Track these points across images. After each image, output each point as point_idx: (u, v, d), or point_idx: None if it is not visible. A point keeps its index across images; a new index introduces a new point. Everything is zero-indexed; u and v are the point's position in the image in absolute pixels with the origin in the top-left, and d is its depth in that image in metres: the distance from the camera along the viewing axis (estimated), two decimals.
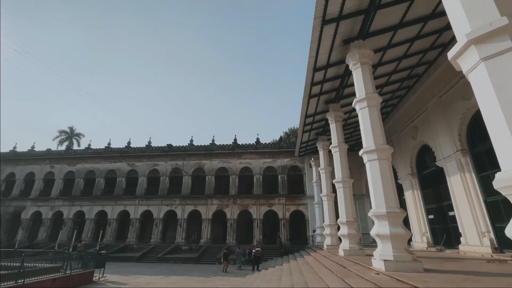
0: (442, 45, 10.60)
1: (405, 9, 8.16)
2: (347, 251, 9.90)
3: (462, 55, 3.25)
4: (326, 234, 14.48)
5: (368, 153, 7.09)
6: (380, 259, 6.08)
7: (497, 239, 9.06)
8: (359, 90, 7.93)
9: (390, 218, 6.27)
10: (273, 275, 10.62)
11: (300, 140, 17.83)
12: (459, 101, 10.44)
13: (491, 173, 9.40)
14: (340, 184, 11.34)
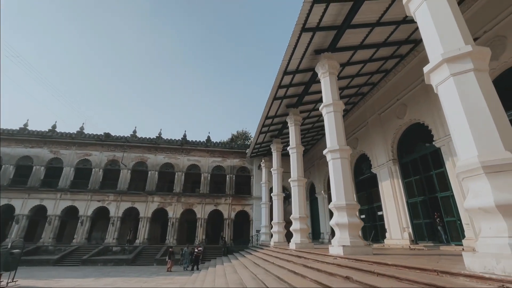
0: (385, 71, 12.61)
1: (366, 33, 9.51)
2: (298, 245, 10.66)
3: (435, 70, 4.09)
4: (274, 232, 15.19)
5: (332, 152, 7.94)
6: (338, 245, 6.85)
7: (414, 233, 11.14)
8: (326, 96, 8.83)
9: (348, 209, 7.15)
10: (226, 271, 10.60)
11: (255, 141, 18.37)
12: (394, 119, 12.54)
13: (413, 179, 11.58)
14: (296, 182, 12.18)
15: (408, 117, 11.48)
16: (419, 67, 10.83)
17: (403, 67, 11.86)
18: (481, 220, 3.29)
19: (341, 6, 7.85)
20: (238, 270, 9.76)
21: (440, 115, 9.68)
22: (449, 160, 9.29)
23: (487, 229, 3.21)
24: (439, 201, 10.05)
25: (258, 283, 6.68)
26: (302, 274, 6.14)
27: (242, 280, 7.57)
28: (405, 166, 12.15)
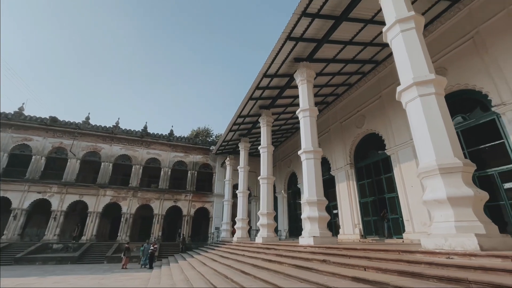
0: (349, 84, 14.12)
1: (339, 49, 10.65)
2: (265, 238, 11.29)
3: (406, 90, 5.05)
4: (238, 228, 15.61)
5: (306, 153, 8.75)
6: (309, 236, 7.63)
7: (364, 229, 12.73)
8: (303, 102, 9.65)
9: (319, 205, 8.01)
10: (194, 265, 10.65)
11: (224, 138, 18.56)
12: (353, 128, 14.11)
13: (366, 182, 13.22)
14: (265, 180, 12.82)
15: (366, 127, 13.08)
16: (378, 85, 12.54)
17: (364, 83, 13.45)
18: (435, 209, 4.27)
19: (324, 22, 8.73)
20: (208, 263, 9.93)
21: (392, 127, 11.35)
22: (397, 167, 10.96)
23: (439, 216, 4.18)
24: (386, 201, 11.73)
25: (235, 271, 7.04)
26: (278, 261, 6.72)
27: (217, 270, 7.83)
28: (360, 170, 13.78)
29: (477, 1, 8.57)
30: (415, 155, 10.13)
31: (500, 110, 7.60)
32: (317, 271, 4.92)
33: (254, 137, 19.20)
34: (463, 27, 8.83)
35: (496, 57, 7.78)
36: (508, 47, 7.54)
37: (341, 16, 8.40)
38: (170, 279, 8.90)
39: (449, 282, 3.01)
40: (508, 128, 7.36)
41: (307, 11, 8.00)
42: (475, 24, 8.49)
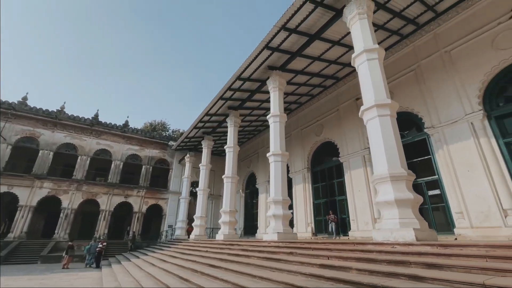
0: (311, 95, 15.40)
1: (308, 63, 11.67)
2: (226, 235, 11.65)
3: (368, 110, 6.05)
4: (196, 225, 15.61)
5: (274, 155, 9.46)
6: (273, 232, 8.29)
7: (315, 227, 14.03)
8: (274, 108, 10.35)
9: (283, 203, 8.75)
10: (154, 262, 10.43)
11: (187, 135, 18.27)
12: (312, 135, 15.43)
13: (320, 185, 14.59)
14: (229, 179, 13.18)
15: (324, 135, 14.46)
16: (337, 99, 14.02)
17: (325, 95, 14.86)
18: (385, 209, 5.28)
19: (299, 37, 9.56)
20: (169, 260, 9.85)
21: (347, 138, 12.84)
22: (348, 173, 12.45)
23: (387, 214, 5.20)
24: (337, 203, 13.20)
25: (203, 265, 7.27)
26: (245, 255, 7.20)
27: (182, 265, 7.92)
28: (315, 174, 15.14)
29: (419, 40, 10.41)
30: (363, 164, 11.72)
31: (430, 132, 9.40)
32: (286, 262, 5.55)
33: (217, 136, 19.36)
34: (408, 60, 10.62)
35: (431, 88, 9.61)
36: (439, 81, 9.40)
37: (315, 34, 9.33)
38: (129, 277, 8.62)
39: (396, 264, 3.90)
40: (435, 147, 9.17)
41: (286, 26, 8.70)
42: (418, 59, 10.31)
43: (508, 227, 6.94)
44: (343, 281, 3.78)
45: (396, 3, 8.81)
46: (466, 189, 8.10)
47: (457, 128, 8.61)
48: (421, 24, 9.97)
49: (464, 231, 7.79)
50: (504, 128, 7.88)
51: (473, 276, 2.99)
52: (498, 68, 8.07)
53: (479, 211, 7.68)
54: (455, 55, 9.20)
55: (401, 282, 3.30)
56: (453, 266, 3.37)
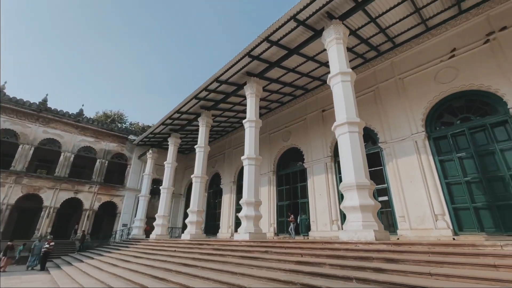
0: (282, 103, 16.26)
1: (283, 73, 12.40)
2: (193, 235, 11.68)
3: (340, 126, 6.91)
4: (157, 225, 15.18)
5: (249, 159, 9.92)
6: (245, 232, 8.72)
7: (277, 227, 14.84)
8: (250, 113, 10.81)
9: (255, 205, 9.25)
10: (117, 264, 9.97)
11: (152, 130, 17.60)
12: (280, 140, 16.28)
13: (284, 188, 15.48)
14: (198, 179, 13.19)
15: (291, 141, 15.40)
16: (305, 108, 15.07)
17: (294, 104, 15.82)
18: (350, 213, 6.13)
19: (279, 50, 10.19)
20: (133, 260, 9.54)
21: (311, 146, 13.91)
22: (311, 178, 13.51)
23: (352, 217, 6.05)
24: (299, 205, 14.19)
25: (175, 265, 7.34)
26: (219, 254, 7.50)
27: (151, 265, 7.83)
28: (280, 177, 16.00)
29: (379, 65, 11.93)
30: (325, 170, 12.88)
31: (383, 146, 10.87)
32: (263, 259, 6.04)
33: (183, 133, 19.01)
34: (369, 81, 12.06)
35: (386, 109, 11.12)
36: (393, 103, 10.93)
37: (294, 49, 10.06)
38: (90, 278, 8.15)
39: (361, 260, 4.68)
40: (386, 159, 10.64)
41: (269, 38, 9.24)
42: (377, 81, 11.80)
43: (437, 229, 8.51)
44: (319, 274, 4.41)
45: (364, 31, 10.02)
46: (408, 196, 9.62)
47: (404, 145, 10.15)
48: (382, 52, 11.46)
49: (405, 232, 9.26)
50: (439, 148, 9.59)
51: (421, 267, 3.85)
52: (438, 98, 9.79)
53: (417, 216, 9.21)
54: (407, 82, 10.82)
55: (368, 273, 4.04)
56: (406, 260, 4.24)
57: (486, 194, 8.15)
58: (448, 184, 9.00)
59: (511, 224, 7.50)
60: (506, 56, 8.42)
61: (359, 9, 8.17)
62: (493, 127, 8.54)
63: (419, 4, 8.91)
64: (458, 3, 9.07)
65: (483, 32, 9.13)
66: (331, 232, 11.56)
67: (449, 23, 9.86)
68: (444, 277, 3.41)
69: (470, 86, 9.09)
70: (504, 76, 8.35)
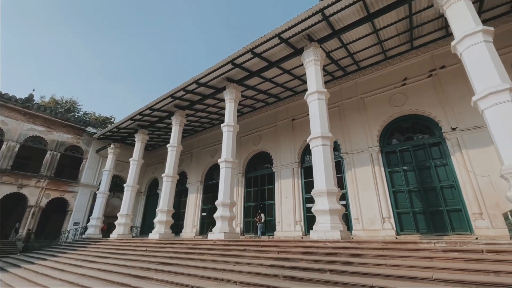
0: (254, 108, 16.95)
1: (260, 82, 13.12)
2: (162, 235, 11.66)
3: (314, 140, 7.84)
4: (120, 224, 14.63)
5: (226, 162, 10.39)
6: (219, 232, 9.18)
7: (244, 227, 15.47)
8: (228, 118, 11.29)
9: (230, 206, 9.77)
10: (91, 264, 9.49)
11: (119, 125, 16.77)
12: (250, 144, 16.94)
13: (252, 190, 16.18)
14: (170, 178, 13.13)
15: (261, 146, 16.19)
16: (276, 116, 16.02)
17: (266, 110, 16.66)
18: (320, 216, 7.06)
19: (261, 61, 10.86)
20: (98, 260, 9.24)
21: (281, 151, 14.88)
22: (278, 181, 14.46)
23: (322, 220, 6.98)
24: (265, 207, 15.04)
25: (152, 264, 7.47)
26: (197, 252, 7.85)
27: (128, 265, 7.80)
28: (249, 179, 16.67)
29: (345, 84, 13.40)
30: (292, 175, 13.94)
31: (344, 156, 12.29)
32: (243, 257, 6.61)
33: (150, 130, 18.49)
34: (336, 97, 13.42)
35: (348, 123, 12.58)
36: (355, 119, 12.41)
37: (274, 62, 10.84)
38: (52, 280, 7.74)
39: (331, 255, 5.58)
40: (346, 168, 12.07)
41: (253, 50, 9.86)
42: (342, 98, 13.24)
43: (384, 230, 10.06)
44: (298, 268, 5.17)
45: (336, 54, 11.27)
46: (362, 201, 11.10)
47: (362, 156, 11.67)
48: (348, 72, 12.93)
49: (358, 232, 10.68)
50: (389, 161, 11.27)
51: (379, 260, 4.87)
52: (391, 118, 11.51)
53: (368, 218, 10.71)
54: (367, 102, 12.43)
55: (338, 266, 4.92)
56: (366, 255, 5.24)
57: (422, 201, 9.93)
58: (394, 192, 10.67)
59: (439, 226, 9.32)
60: (443, 89, 10.37)
61: (335, 36, 9.30)
62: (431, 146, 10.43)
63: (382, 38, 10.41)
64: (411, 41, 10.82)
65: (428, 67, 11.06)
66: (294, 232, 12.62)
67: (403, 56, 11.66)
68: (396, 266, 4.43)
69: (415, 111, 10.92)
70: (441, 106, 10.28)
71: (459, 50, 6.28)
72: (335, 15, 8.52)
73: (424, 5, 8.63)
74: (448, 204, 9.37)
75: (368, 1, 8.08)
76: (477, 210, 8.57)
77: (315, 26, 8.92)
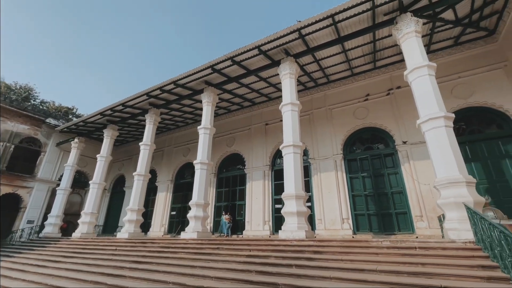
0: (229, 110, 17.37)
1: (237, 87, 13.61)
2: (131, 234, 11.60)
3: (287, 147, 8.61)
4: (83, 222, 14.09)
5: (201, 164, 10.75)
6: (193, 231, 9.52)
7: (213, 227, 15.82)
8: (205, 120, 11.63)
9: (204, 206, 10.15)
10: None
11: (86, 119, 16.02)
12: (223, 145, 17.33)
13: (223, 190, 16.60)
14: (141, 177, 13.03)
15: (234, 147, 16.68)
16: (250, 119, 16.62)
17: (241, 113, 17.18)
18: (289, 217, 7.82)
19: (239, 68, 11.38)
20: (67, 260, 9.00)
21: (253, 154, 15.53)
22: (249, 183, 15.09)
23: (290, 220, 7.74)
24: (236, 207, 15.57)
25: (126, 262, 7.58)
26: (170, 251, 8.13)
27: (99, 264, 7.79)
28: (221, 179, 17.06)
29: (315, 94, 14.46)
30: (263, 177, 14.67)
31: (311, 161, 13.32)
32: (217, 255, 7.10)
33: (120, 126, 17.93)
34: (307, 106, 14.38)
35: (317, 131, 13.63)
36: (323, 128, 13.49)
37: (252, 70, 11.43)
38: (14, 281, 7.46)
39: (297, 252, 6.34)
40: (313, 172, 13.09)
41: (234, 58, 10.34)
42: (312, 107, 14.28)
43: (343, 229, 11.22)
44: (268, 264, 5.82)
45: (309, 67, 12.21)
46: (325, 203, 12.18)
47: (327, 162, 12.79)
48: (319, 84, 14.01)
49: (320, 232, 11.73)
50: (350, 167, 12.52)
51: (337, 256, 5.71)
52: (354, 129, 12.79)
53: (330, 219, 11.82)
54: (334, 113, 13.60)
55: (302, 261, 5.67)
56: (327, 252, 6.08)
57: (375, 205, 11.28)
58: (353, 196, 11.92)
59: (388, 226, 10.70)
60: (398, 107, 11.85)
61: (310, 53, 10.18)
62: (385, 156, 11.86)
63: (349, 57, 11.57)
64: (374, 62, 12.16)
65: (387, 86, 12.51)
66: (263, 231, 13.35)
67: (367, 74, 13.01)
68: (350, 261, 5.30)
69: (375, 124, 12.30)
70: (395, 121, 11.74)
71: (409, 79, 7.47)
72: (310, 34, 9.37)
73: (385, 33, 9.86)
74: (397, 207, 10.79)
75: (339, 26, 9.04)
76: (418, 213, 10.05)
77: (292, 42, 9.70)
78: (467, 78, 10.82)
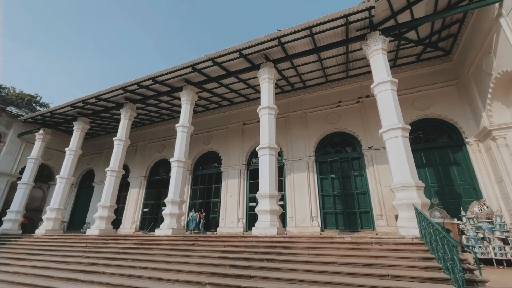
0: (207, 108, 17.46)
1: (216, 86, 13.80)
2: (102, 230, 11.37)
3: (263, 149, 9.08)
4: (49, 218, 13.47)
5: (178, 162, 10.89)
6: (168, 228, 9.65)
7: (187, 224, 15.88)
8: (184, 119, 11.73)
9: (180, 204, 10.30)
10: None
11: (55, 109, 15.16)
12: (200, 143, 17.35)
13: (199, 188, 16.70)
14: (114, 173, 12.75)
15: (211, 146, 16.83)
16: (228, 118, 16.89)
17: (219, 112, 17.36)
18: (262, 215, 8.29)
19: (220, 69, 11.60)
20: (33, 258, 8.67)
21: (229, 153, 15.82)
22: (225, 181, 15.38)
23: (263, 218, 8.22)
24: (211, 204, 15.79)
25: (100, 260, 7.56)
26: (145, 247, 8.23)
27: (69, 261, 7.65)
28: (197, 177, 17.12)
29: (292, 98, 15.09)
30: (239, 176, 15.04)
31: (285, 162, 13.94)
32: (193, 251, 7.36)
33: (91, 119, 17.21)
34: (283, 109, 14.90)
35: (292, 133, 14.25)
36: (297, 131, 14.15)
37: (232, 72, 11.72)
38: None
39: (269, 247, 6.83)
40: (286, 172, 13.73)
41: (215, 60, 10.56)
42: (288, 110, 14.88)
43: (312, 227, 11.98)
44: (241, 258, 6.23)
45: (287, 72, 12.78)
46: (297, 202, 12.88)
47: (300, 164, 13.49)
48: (296, 88, 14.67)
49: (291, 229, 12.40)
50: (321, 169, 13.34)
51: (304, 251, 6.28)
52: (326, 133, 13.62)
53: (300, 217, 12.54)
54: (309, 117, 14.34)
55: (273, 256, 6.16)
56: (295, 247, 6.63)
57: (342, 204, 12.19)
58: (323, 196, 12.74)
59: (353, 224, 11.65)
60: (366, 115, 12.83)
61: (288, 59, 10.73)
62: (353, 159, 12.82)
63: (324, 65, 12.31)
64: (347, 71, 13.05)
65: (357, 95, 13.48)
66: (236, 228, 13.75)
67: (340, 82, 13.90)
68: (315, 255, 5.89)
69: (345, 129, 13.22)
70: (363, 127, 12.73)
71: (375, 92, 8.28)
72: (289, 43, 9.90)
73: (357, 47, 10.69)
74: (361, 207, 11.78)
75: (316, 37, 9.66)
76: (379, 212, 11.08)
77: (272, 48, 10.16)
78: (426, 92, 12.07)
